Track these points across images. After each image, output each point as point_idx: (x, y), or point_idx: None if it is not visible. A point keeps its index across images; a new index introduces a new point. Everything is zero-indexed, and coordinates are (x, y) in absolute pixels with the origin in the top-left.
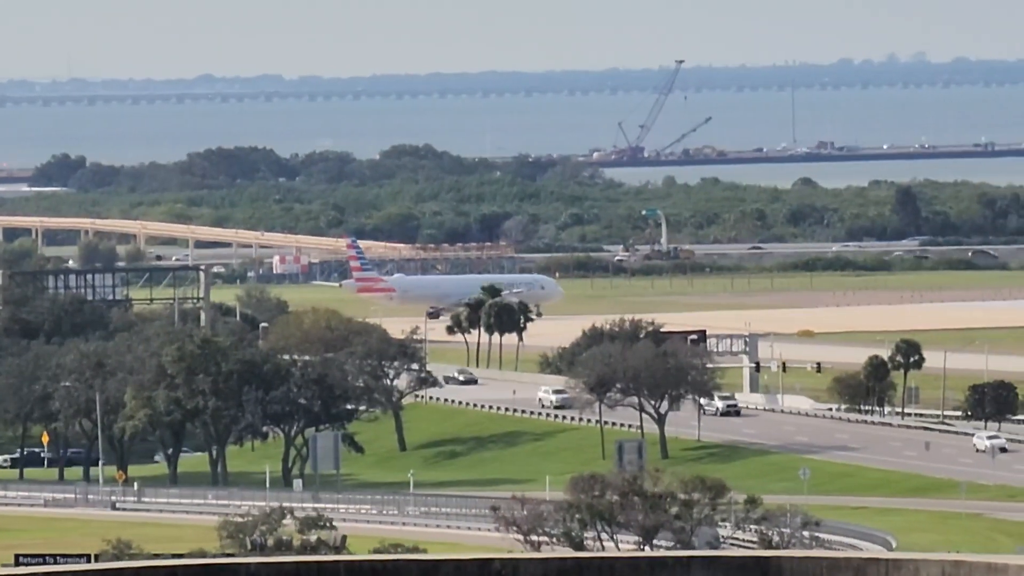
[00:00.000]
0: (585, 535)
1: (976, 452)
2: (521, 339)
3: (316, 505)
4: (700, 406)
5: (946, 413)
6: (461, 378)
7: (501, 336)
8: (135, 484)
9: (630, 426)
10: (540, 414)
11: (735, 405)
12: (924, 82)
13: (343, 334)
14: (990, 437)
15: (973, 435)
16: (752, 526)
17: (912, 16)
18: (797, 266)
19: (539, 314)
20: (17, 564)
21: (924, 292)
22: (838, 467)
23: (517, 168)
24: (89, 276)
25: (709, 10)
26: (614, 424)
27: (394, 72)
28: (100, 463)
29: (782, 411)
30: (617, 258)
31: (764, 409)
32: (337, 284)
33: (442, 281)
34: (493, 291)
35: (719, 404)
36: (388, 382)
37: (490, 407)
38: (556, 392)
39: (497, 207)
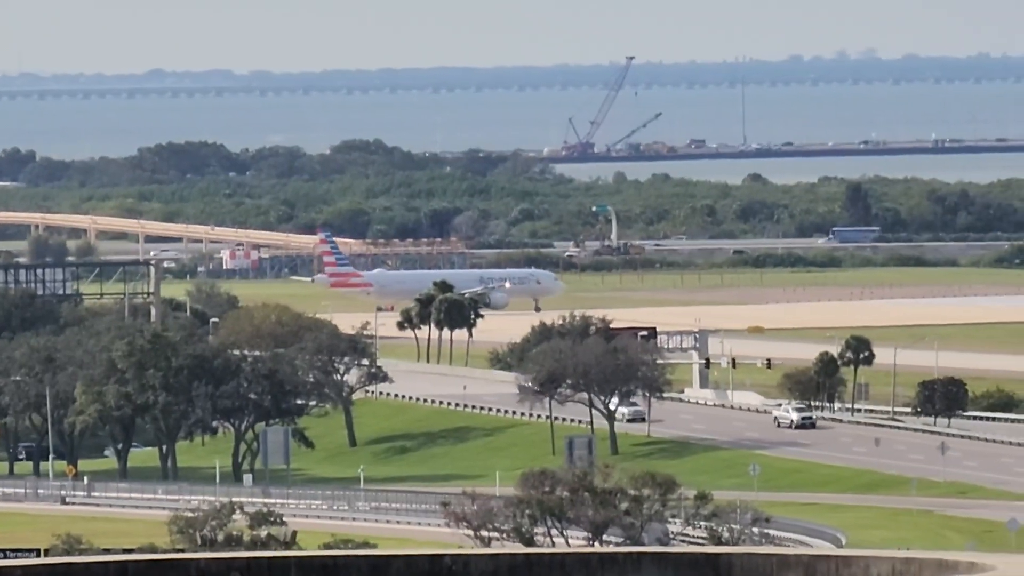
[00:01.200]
0: (535, 531)
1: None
2: (471, 335)
3: (266, 500)
4: (775, 419)
5: (896, 409)
6: (628, 412)
7: (452, 332)
8: (85, 479)
9: (580, 422)
10: (490, 409)
11: (810, 417)
12: (874, 79)
13: (293, 329)
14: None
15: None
16: (702, 522)
17: (862, 13)
18: (747, 262)
19: (537, 309)
20: None
21: (874, 288)
22: (788, 463)
23: (467, 164)
24: (39, 271)
25: (660, 6)
26: (564, 420)
27: (345, 67)
28: (50, 457)
29: (732, 407)
30: (567, 254)
31: (714, 405)
32: (309, 279)
33: (424, 276)
34: (444, 287)
35: (794, 416)
36: (338, 377)
37: (440, 402)
38: (798, 410)
39: (447, 203)
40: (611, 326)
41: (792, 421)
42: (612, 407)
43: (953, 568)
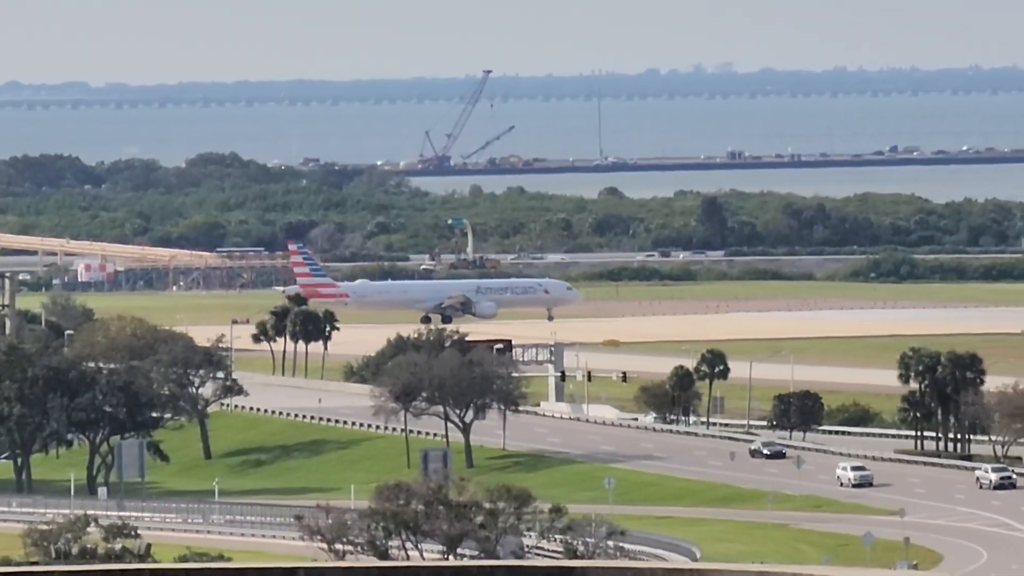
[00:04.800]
0: (389, 544)
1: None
2: (326, 348)
3: (121, 513)
4: (977, 479)
5: (751, 423)
6: (766, 451)
7: (307, 345)
8: None
9: (435, 435)
10: (345, 422)
11: (1010, 477)
12: (731, 93)
13: (149, 342)
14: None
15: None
16: (557, 535)
17: (719, 27)
18: (603, 275)
19: (550, 318)
20: None
21: (730, 302)
22: (643, 476)
23: (323, 177)
24: None
25: (516, 20)
26: (419, 433)
27: (201, 80)
28: None
29: (587, 420)
30: (423, 267)
31: (570, 418)
32: (280, 290)
33: (408, 286)
34: (299, 299)
35: (992, 476)
36: (193, 390)
37: (296, 415)
38: (855, 469)
39: (303, 216)
40: (467, 339)
41: (991, 481)
42: (838, 471)
43: None
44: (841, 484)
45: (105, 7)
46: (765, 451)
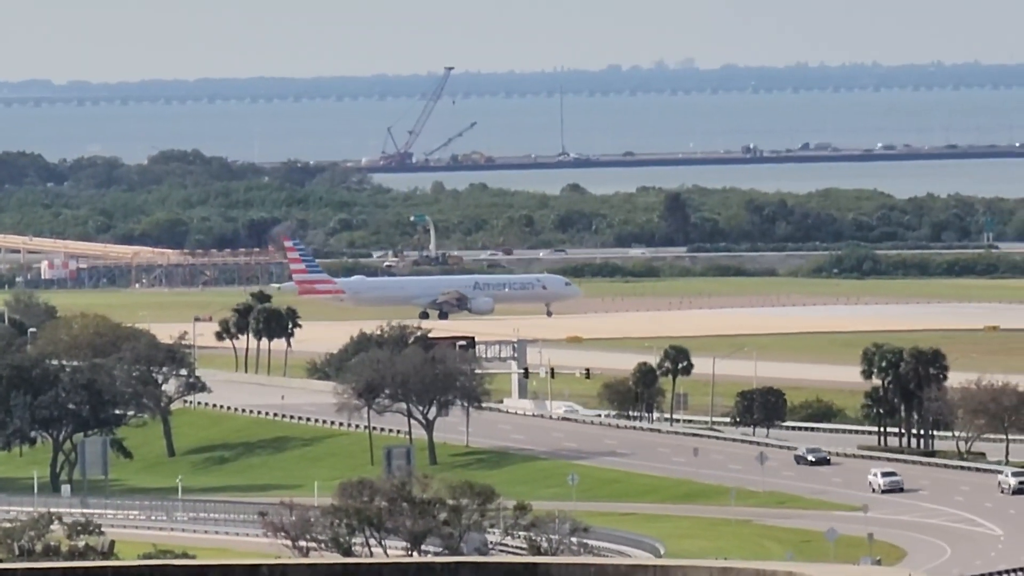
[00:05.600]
0: (353, 541)
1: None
2: (289, 345)
3: (84, 510)
4: (999, 483)
5: (715, 419)
6: (811, 458)
7: (270, 342)
8: None
9: (399, 432)
10: (308, 419)
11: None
12: (693, 89)
13: (112, 339)
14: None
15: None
16: (521, 532)
17: (680, 23)
18: (566, 272)
19: (549, 314)
20: None
21: (693, 298)
22: (607, 473)
23: (286, 174)
24: None
25: (478, 16)
26: (383, 430)
27: (163, 77)
28: None
29: (551, 417)
30: (386, 264)
31: (533, 415)
32: (277, 287)
33: (404, 283)
34: (261, 296)
35: (1012, 481)
36: (157, 387)
37: (259, 412)
38: (885, 475)
39: (266, 213)
40: (430, 336)
41: (1011, 486)
42: (869, 476)
43: None
44: (872, 490)
45: (67, 5)
46: (810, 457)
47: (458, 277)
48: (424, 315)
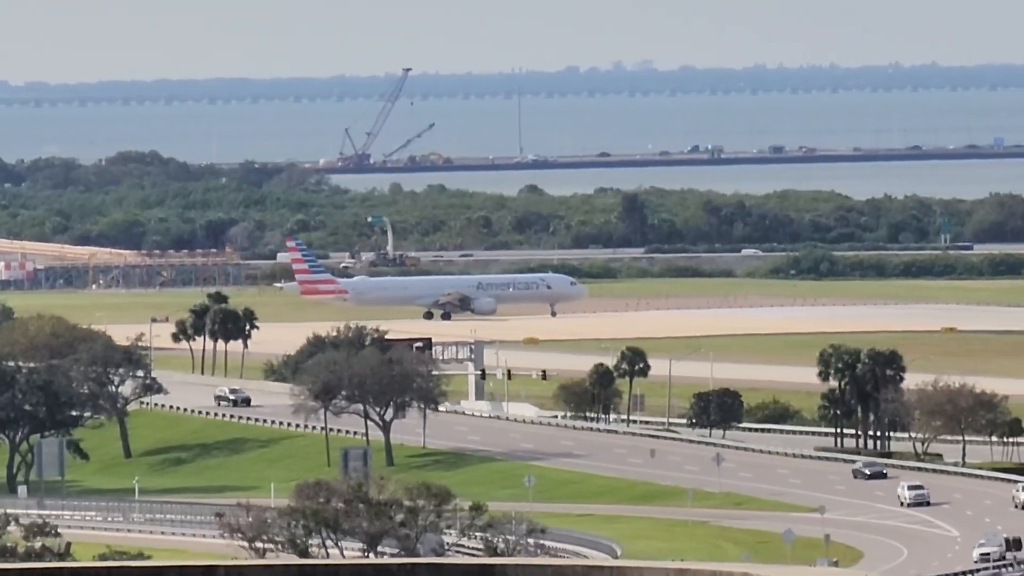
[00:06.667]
0: (310, 542)
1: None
2: (246, 346)
3: (41, 512)
4: (1013, 498)
5: (671, 420)
6: (233, 398)
7: (226, 343)
8: None
9: (355, 433)
10: (265, 420)
11: None
12: (651, 90)
13: (68, 340)
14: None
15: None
16: (477, 533)
17: (638, 25)
18: (523, 273)
19: (553, 314)
20: None
21: (650, 299)
22: (563, 474)
23: (243, 175)
24: None
25: (436, 18)
26: (339, 431)
27: (121, 78)
28: None
29: (508, 418)
30: (343, 265)
31: (490, 416)
32: (279, 286)
33: (407, 283)
34: (218, 298)
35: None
36: (113, 389)
37: (215, 414)
38: (912, 488)
39: (223, 214)
40: (386, 337)
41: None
42: (899, 490)
43: None
44: (901, 504)
45: (25, 6)
46: (867, 471)
47: (461, 277)
48: (428, 315)
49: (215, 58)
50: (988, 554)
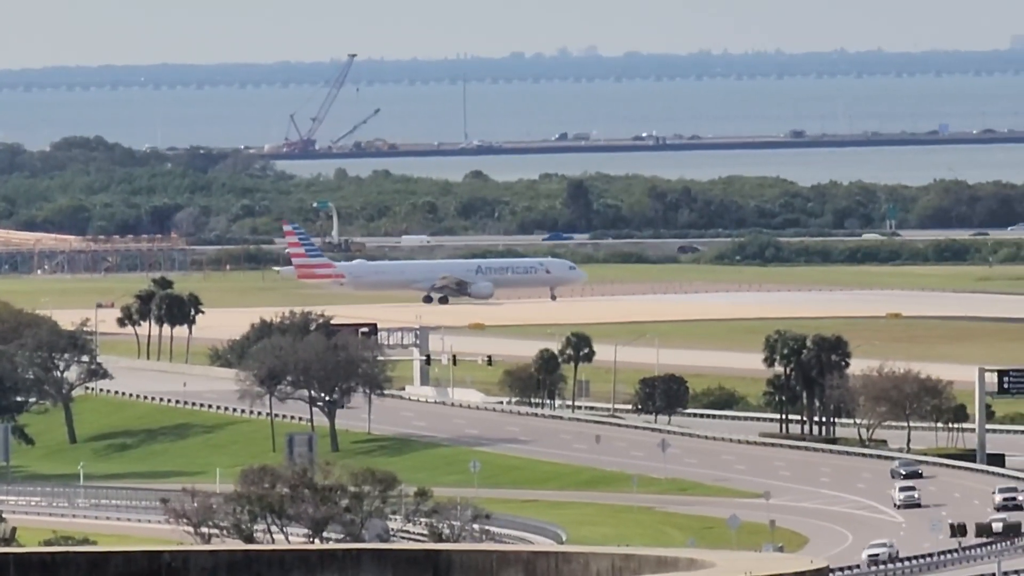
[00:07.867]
0: (255, 528)
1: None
2: (191, 332)
3: None
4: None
5: (616, 406)
6: (903, 471)
7: (172, 328)
8: None
9: (301, 419)
10: (210, 406)
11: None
12: (596, 76)
13: (13, 326)
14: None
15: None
16: (422, 519)
17: (583, 10)
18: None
19: (553, 298)
20: None
21: (595, 285)
22: (509, 460)
23: (188, 160)
24: None
25: (381, 4)
26: (285, 417)
27: (65, 64)
28: None
29: (453, 404)
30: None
31: (435, 402)
32: (277, 271)
33: (407, 267)
34: (164, 283)
35: None
36: (58, 374)
37: (161, 399)
38: (903, 490)
39: (168, 199)
40: (332, 323)
41: None
42: (891, 491)
43: (673, 565)
44: (895, 505)
45: None
46: (902, 471)
47: (460, 261)
48: (428, 299)
49: (160, 44)
50: (877, 556)
